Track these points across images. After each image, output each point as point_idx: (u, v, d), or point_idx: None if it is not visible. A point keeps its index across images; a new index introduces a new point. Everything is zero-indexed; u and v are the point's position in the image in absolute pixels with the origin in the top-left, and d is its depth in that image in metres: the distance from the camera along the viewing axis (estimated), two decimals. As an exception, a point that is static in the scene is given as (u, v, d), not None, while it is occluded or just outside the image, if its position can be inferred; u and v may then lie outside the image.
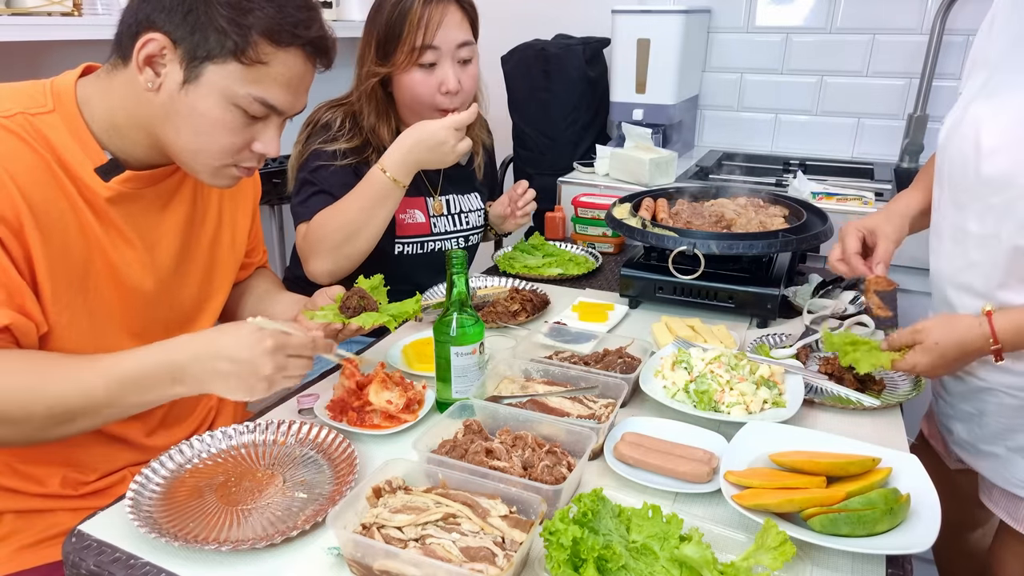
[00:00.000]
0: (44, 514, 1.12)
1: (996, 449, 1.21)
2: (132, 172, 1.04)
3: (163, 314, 1.16)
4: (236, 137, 1.01)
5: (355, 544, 0.81)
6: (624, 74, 2.36)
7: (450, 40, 1.51)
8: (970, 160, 1.13)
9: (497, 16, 2.88)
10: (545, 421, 1.05)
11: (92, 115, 1.01)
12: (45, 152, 0.97)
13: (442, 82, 1.53)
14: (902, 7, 2.33)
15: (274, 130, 1.04)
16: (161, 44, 0.94)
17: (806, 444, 1.00)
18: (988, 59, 1.16)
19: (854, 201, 1.98)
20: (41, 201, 0.96)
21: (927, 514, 0.86)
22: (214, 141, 1.00)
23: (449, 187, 1.76)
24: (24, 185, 0.94)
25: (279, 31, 0.95)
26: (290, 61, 0.98)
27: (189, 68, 0.95)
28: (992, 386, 1.18)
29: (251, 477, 1.01)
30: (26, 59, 1.87)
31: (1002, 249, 1.09)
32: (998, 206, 1.09)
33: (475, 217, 1.81)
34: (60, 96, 1.00)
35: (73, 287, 1.02)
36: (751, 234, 1.47)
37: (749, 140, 2.68)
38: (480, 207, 1.83)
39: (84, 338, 1.05)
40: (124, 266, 1.08)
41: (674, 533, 0.82)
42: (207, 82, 0.95)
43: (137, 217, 1.08)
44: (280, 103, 1.00)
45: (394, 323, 1.20)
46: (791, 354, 1.31)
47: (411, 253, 1.69)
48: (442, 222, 1.73)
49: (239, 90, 0.96)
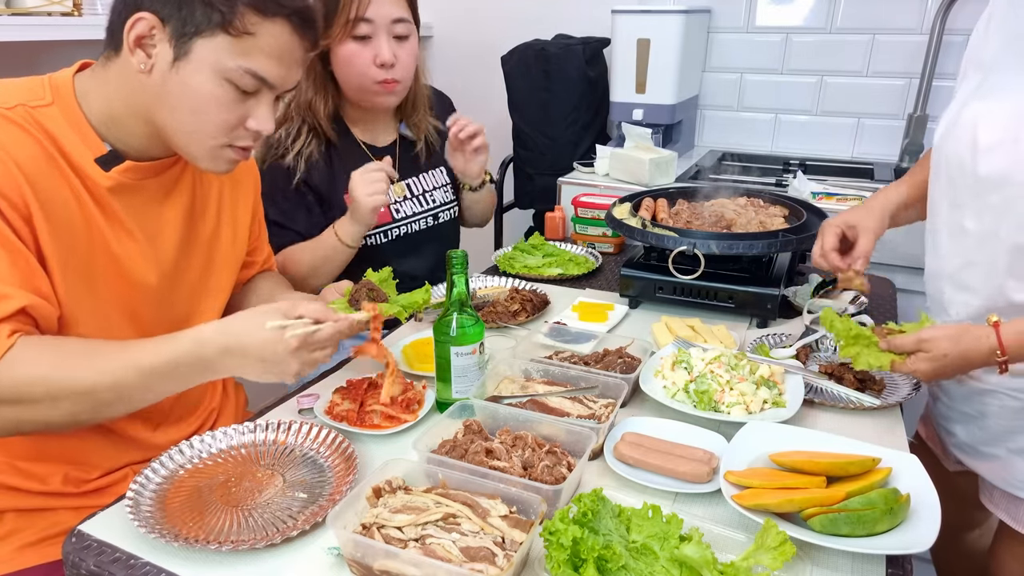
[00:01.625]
0: (45, 513, 1.12)
1: (997, 451, 1.21)
2: (132, 162, 1.04)
3: (166, 308, 1.16)
4: (229, 114, 1.01)
5: (355, 544, 0.81)
6: (624, 74, 2.36)
7: (384, 14, 1.54)
8: (967, 159, 1.13)
9: (497, 16, 2.89)
10: (545, 421, 1.05)
11: (90, 108, 1.02)
12: (47, 143, 0.97)
13: (376, 54, 1.55)
14: (902, 7, 2.33)
15: (267, 106, 1.04)
16: (150, 23, 0.94)
17: (806, 444, 1.00)
18: (984, 59, 1.16)
19: (854, 201, 1.98)
20: (46, 190, 0.96)
21: (927, 514, 0.86)
22: (208, 119, 1.00)
23: (407, 171, 1.78)
24: (30, 174, 0.94)
25: (264, 1, 0.96)
26: (276, 31, 0.99)
27: (178, 45, 0.95)
28: (993, 388, 1.18)
29: (251, 477, 1.01)
30: (26, 59, 1.87)
31: (1002, 247, 1.09)
32: (996, 204, 1.09)
33: (441, 193, 1.82)
34: (59, 90, 1.01)
35: (80, 278, 1.03)
36: (751, 234, 1.47)
37: (749, 140, 2.68)
38: (446, 181, 1.83)
39: (91, 332, 1.05)
40: (127, 259, 1.08)
41: (674, 533, 0.82)
42: (197, 57, 0.96)
43: (138, 209, 1.09)
44: (270, 75, 1.00)
45: (404, 314, 1.20)
46: (791, 354, 1.31)
47: (379, 243, 1.71)
48: (407, 206, 1.75)
49: (229, 63, 0.97)
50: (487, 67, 2.69)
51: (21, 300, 0.93)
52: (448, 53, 3.03)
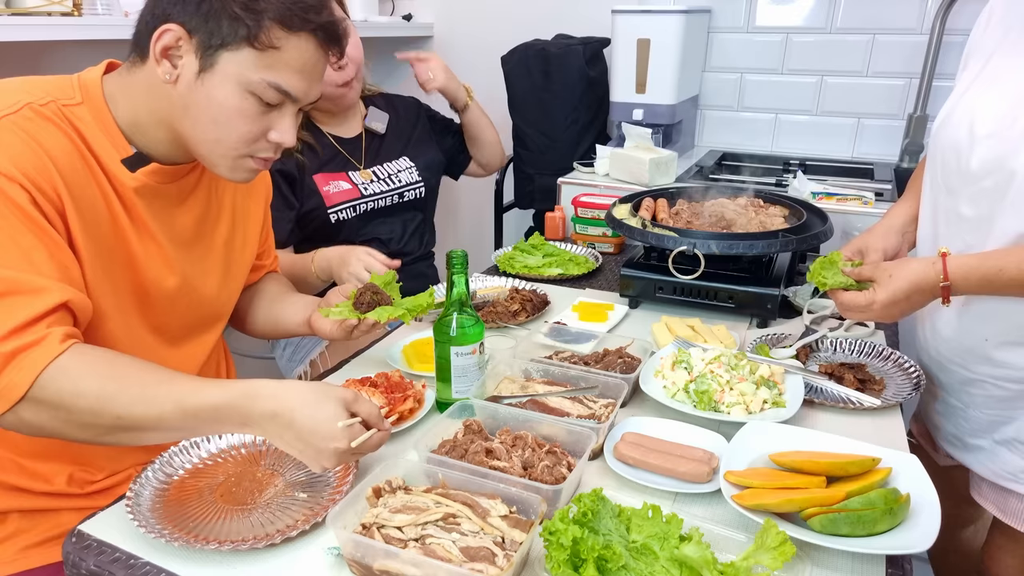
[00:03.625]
0: (49, 514, 1.12)
1: (982, 442, 1.22)
2: (158, 165, 1.06)
3: (180, 311, 1.17)
4: (253, 125, 1.01)
5: (355, 544, 0.81)
6: (624, 74, 2.36)
7: None
8: (963, 145, 1.14)
9: (497, 16, 2.89)
10: (545, 421, 1.05)
11: (117, 110, 1.03)
12: (77, 140, 0.98)
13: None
14: (902, 7, 2.33)
15: (290, 119, 1.04)
16: (176, 35, 0.95)
17: (806, 444, 1.00)
18: (984, 48, 1.17)
19: (854, 201, 1.98)
20: (77, 186, 0.97)
21: (927, 514, 0.86)
22: (231, 130, 1.01)
23: (372, 160, 1.90)
24: (63, 168, 0.95)
25: (291, 16, 0.97)
26: (302, 46, 0.99)
27: (204, 57, 0.96)
28: (980, 377, 1.19)
29: (251, 477, 1.01)
30: (26, 59, 1.87)
31: (996, 232, 1.10)
32: (990, 189, 1.10)
33: (408, 175, 1.94)
34: (88, 90, 1.02)
35: (105, 276, 1.03)
36: (751, 234, 1.47)
37: (749, 140, 2.68)
38: (411, 166, 1.96)
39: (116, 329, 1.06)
40: (147, 260, 1.08)
41: (674, 533, 0.82)
42: (222, 70, 0.97)
43: (158, 212, 1.10)
44: (294, 89, 1.01)
45: (409, 316, 1.20)
46: (791, 354, 1.31)
47: (348, 218, 1.80)
48: (373, 186, 1.86)
49: (253, 76, 0.97)
50: (487, 67, 2.68)
51: (61, 295, 0.91)
52: (448, 53, 3.03)
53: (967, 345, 1.19)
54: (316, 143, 1.80)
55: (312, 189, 1.76)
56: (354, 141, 1.88)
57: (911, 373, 1.27)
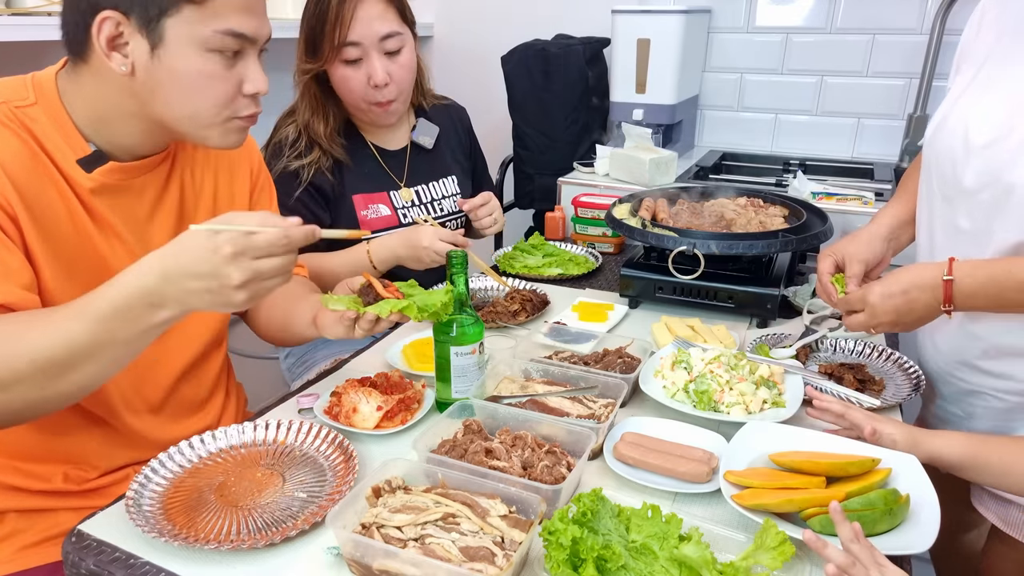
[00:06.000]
0: (46, 513, 1.12)
1: None
2: (116, 164, 1.03)
3: None
4: (224, 84, 1.00)
5: (355, 544, 0.81)
6: (624, 74, 2.36)
7: (371, 34, 1.52)
8: (959, 155, 1.12)
9: (497, 16, 2.89)
10: (545, 421, 1.05)
11: (74, 109, 1.01)
12: (31, 142, 0.97)
13: (370, 76, 1.54)
14: (902, 7, 2.33)
15: (255, 64, 1.03)
16: (115, 20, 0.93)
17: (806, 444, 1.00)
18: (977, 54, 1.16)
19: (854, 201, 1.98)
20: (31, 189, 0.95)
21: (927, 514, 0.86)
22: (205, 97, 0.99)
23: (416, 178, 1.77)
24: (14, 173, 0.93)
25: None
26: None
27: (150, 32, 0.94)
28: (979, 389, 1.18)
29: (251, 477, 1.01)
30: (26, 59, 1.87)
31: (996, 244, 1.09)
32: (987, 203, 1.09)
33: (450, 203, 1.81)
34: (42, 89, 1.00)
35: (68, 280, 1.01)
36: (751, 234, 1.47)
37: (749, 140, 2.68)
38: (456, 192, 1.82)
39: None
40: (115, 260, 1.06)
41: (673, 533, 0.82)
42: (174, 38, 0.95)
43: (126, 210, 1.08)
44: (246, 28, 0.99)
45: (419, 316, 1.10)
46: (791, 354, 1.31)
47: None
48: (413, 211, 1.74)
49: (204, 31, 0.95)
50: (487, 67, 2.68)
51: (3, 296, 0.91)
52: (448, 53, 3.03)
53: (966, 358, 1.19)
54: (358, 154, 1.69)
55: (349, 212, 1.65)
56: (398, 155, 1.75)
57: (911, 373, 1.27)
